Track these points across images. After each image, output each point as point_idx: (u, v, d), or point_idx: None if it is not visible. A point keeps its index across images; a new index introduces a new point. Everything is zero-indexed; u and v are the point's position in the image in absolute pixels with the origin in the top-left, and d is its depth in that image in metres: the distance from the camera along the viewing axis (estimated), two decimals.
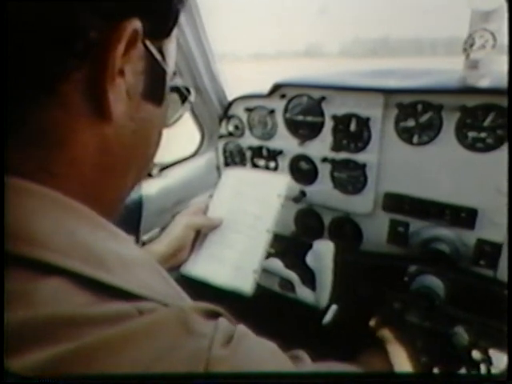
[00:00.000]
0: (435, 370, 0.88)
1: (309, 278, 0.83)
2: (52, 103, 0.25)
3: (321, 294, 0.80)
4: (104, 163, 0.30)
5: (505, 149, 0.76)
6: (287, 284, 0.87)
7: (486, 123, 0.77)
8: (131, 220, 0.90)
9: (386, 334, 0.80)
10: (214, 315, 0.30)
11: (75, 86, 0.25)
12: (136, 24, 0.26)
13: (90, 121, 0.27)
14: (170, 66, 0.34)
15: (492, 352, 0.80)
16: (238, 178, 0.86)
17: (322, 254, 0.82)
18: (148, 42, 0.29)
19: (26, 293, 0.22)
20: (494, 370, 0.80)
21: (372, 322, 0.84)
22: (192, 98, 0.44)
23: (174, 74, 0.38)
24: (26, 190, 0.25)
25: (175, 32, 0.34)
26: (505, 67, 0.77)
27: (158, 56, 0.30)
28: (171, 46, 0.33)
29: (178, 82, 0.42)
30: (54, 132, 0.26)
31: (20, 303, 0.21)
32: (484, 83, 0.76)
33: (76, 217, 0.27)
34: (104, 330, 0.22)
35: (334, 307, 0.87)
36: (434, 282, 0.81)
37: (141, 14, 0.27)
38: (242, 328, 0.30)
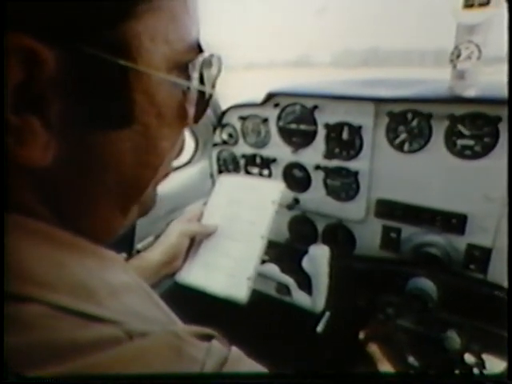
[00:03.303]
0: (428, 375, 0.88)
1: (305, 282, 0.84)
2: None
3: (317, 298, 0.81)
4: (59, 210, 0.27)
5: (492, 156, 0.78)
6: (284, 288, 0.88)
7: (474, 131, 0.79)
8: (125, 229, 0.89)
9: (374, 350, 0.80)
10: (207, 338, 0.28)
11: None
12: (22, 41, 0.20)
13: (21, 169, 0.23)
14: (154, 51, 0.25)
15: (485, 356, 0.81)
16: (232, 184, 0.87)
17: (318, 258, 0.83)
18: (79, 46, 0.21)
19: (9, 318, 0.21)
20: (486, 374, 0.81)
21: (361, 335, 0.84)
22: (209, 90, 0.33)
23: (200, 48, 0.29)
24: (11, 222, 0.23)
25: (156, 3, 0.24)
26: (490, 78, 0.80)
27: (107, 56, 0.22)
28: (150, 24, 0.24)
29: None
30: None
31: (4, 328, 0.20)
32: (471, 93, 0.79)
33: (62, 247, 0.26)
34: (93, 355, 0.21)
35: (327, 314, 0.87)
36: (427, 284, 0.83)
37: (31, 27, 0.20)
38: (235, 352, 0.28)
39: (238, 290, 0.73)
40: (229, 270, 0.75)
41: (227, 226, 0.80)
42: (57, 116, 0.23)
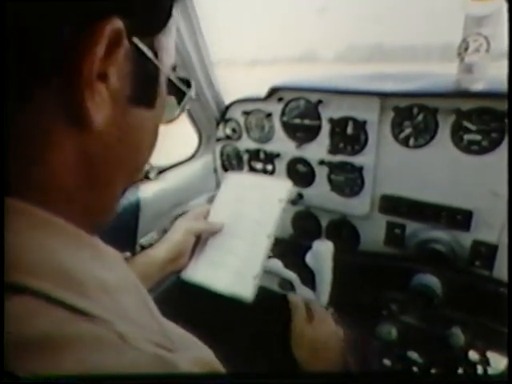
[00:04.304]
0: (432, 371, 0.88)
1: (308, 277, 0.83)
2: (25, 113, 0.23)
3: (320, 294, 0.80)
4: (88, 174, 0.28)
5: (499, 152, 0.77)
6: (287, 284, 0.87)
7: (481, 126, 0.78)
8: (128, 223, 0.89)
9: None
10: (210, 369, 0.28)
11: (50, 94, 0.24)
12: (116, 24, 0.24)
13: (69, 130, 0.25)
14: (166, 61, 0.32)
15: (489, 353, 0.81)
16: (239, 183, 0.86)
17: (322, 253, 0.82)
18: (136, 40, 0.27)
19: None
20: (491, 371, 0.80)
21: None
22: (192, 92, 0.42)
23: (174, 69, 0.36)
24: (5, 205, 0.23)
25: (172, 25, 0.32)
26: (498, 72, 0.78)
27: (149, 54, 0.28)
28: (167, 40, 0.32)
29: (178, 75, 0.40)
30: (30, 144, 0.24)
31: None
32: (478, 87, 0.78)
33: (56, 235, 0.25)
34: (84, 355, 0.21)
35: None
36: (432, 281, 0.82)
37: (122, 11, 0.24)
38: None
39: (244, 288, 0.72)
40: (235, 268, 0.75)
41: (234, 225, 0.80)
42: (115, 89, 0.26)
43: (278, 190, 0.81)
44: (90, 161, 0.27)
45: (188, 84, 0.41)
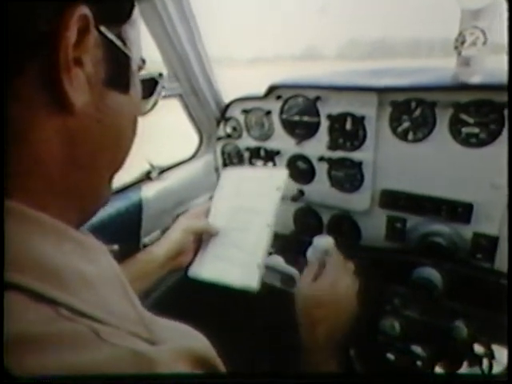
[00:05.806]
0: (437, 366, 0.88)
1: None
2: (6, 100, 0.24)
3: None
4: (70, 157, 0.28)
5: (498, 144, 0.77)
6: (289, 280, 0.88)
7: (479, 119, 0.78)
8: (131, 223, 0.90)
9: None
10: (199, 359, 0.29)
11: (29, 79, 0.25)
12: (82, 10, 0.25)
13: (50, 114, 0.26)
14: (134, 51, 0.33)
15: (494, 346, 0.81)
16: (236, 176, 0.87)
17: (323, 249, 0.83)
18: (103, 28, 0.29)
19: None
20: (496, 365, 0.80)
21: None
22: (164, 82, 0.44)
23: (144, 61, 0.38)
24: None
25: (137, 18, 0.34)
26: (495, 64, 0.78)
27: (117, 42, 0.30)
28: (133, 32, 0.33)
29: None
30: (11, 129, 0.25)
31: None
32: (476, 79, 0.78)
33: (35, 229, 0.26)
34: (63, 354, 0.22)
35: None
36: (432, 274, 0.82)
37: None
38: None
39: (250, 278, 0.74)
40: (239, 260, 0.76)
41: (235, 218, 0.81)
42: (90, 73, 0.28)
43: (274, 178, 0.82)
44: (72, 142, 0.28)
45: (160, 75, 0.44)
